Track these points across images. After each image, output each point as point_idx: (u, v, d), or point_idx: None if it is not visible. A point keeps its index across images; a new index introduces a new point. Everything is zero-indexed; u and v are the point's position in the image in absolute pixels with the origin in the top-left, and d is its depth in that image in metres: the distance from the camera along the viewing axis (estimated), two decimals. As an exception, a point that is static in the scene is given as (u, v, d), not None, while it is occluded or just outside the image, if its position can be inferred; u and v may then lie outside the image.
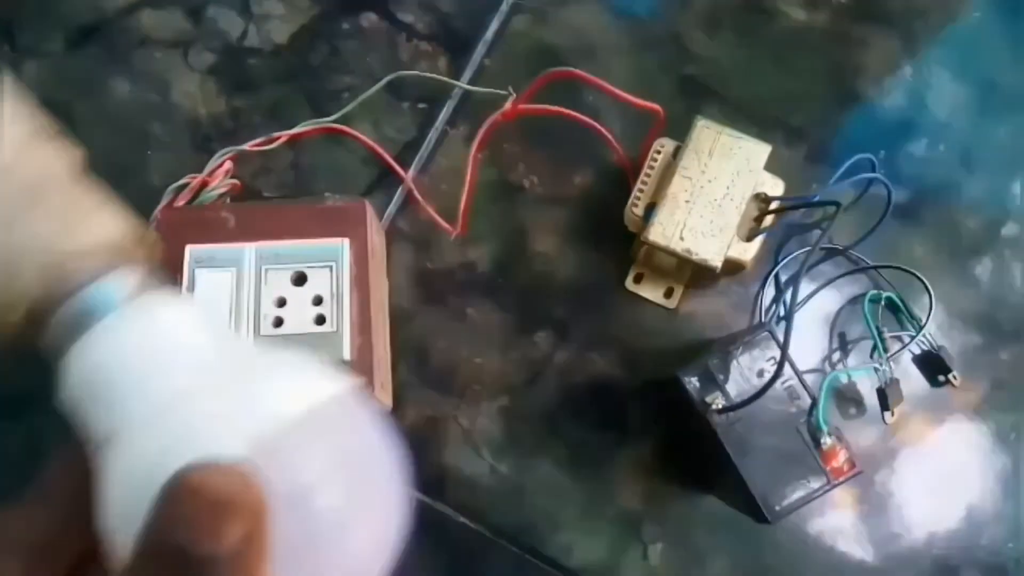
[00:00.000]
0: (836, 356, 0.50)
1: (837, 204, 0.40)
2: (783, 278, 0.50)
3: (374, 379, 0.42)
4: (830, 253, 0.50)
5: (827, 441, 0.38)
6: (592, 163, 0.51)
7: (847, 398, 0.49)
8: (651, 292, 0.50)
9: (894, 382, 0.47)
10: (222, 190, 0.48)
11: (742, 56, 0.53)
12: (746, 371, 0.39)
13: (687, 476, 0.48)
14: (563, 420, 0.48)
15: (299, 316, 0.42)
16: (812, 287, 0.50)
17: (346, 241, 0.43)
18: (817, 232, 0.50)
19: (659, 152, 0.47)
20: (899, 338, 0.49)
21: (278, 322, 0.42)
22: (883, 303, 0.49)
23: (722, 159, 0.45)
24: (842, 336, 0.51)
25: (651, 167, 0.46)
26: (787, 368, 0.38)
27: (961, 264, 0.51)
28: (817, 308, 0.50)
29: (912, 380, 0.50)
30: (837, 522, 0.49)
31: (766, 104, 0.52)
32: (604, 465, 0.48)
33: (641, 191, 0.46)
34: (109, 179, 0.51)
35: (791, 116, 0.52)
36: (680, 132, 0.47)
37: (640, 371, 0.50)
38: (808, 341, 0.49)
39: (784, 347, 0.36)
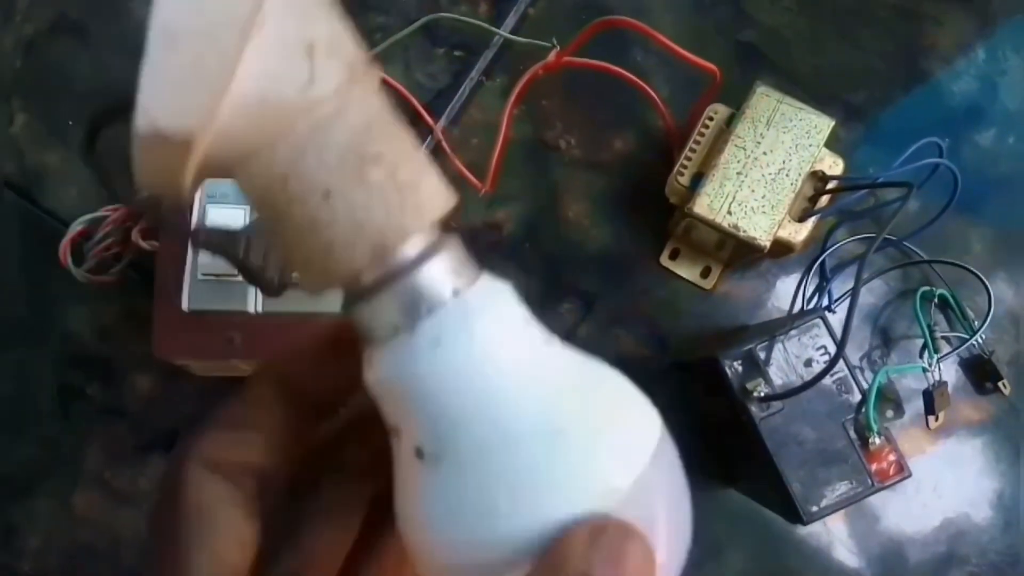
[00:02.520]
0: (878, 353, 0.47)
1: (910, 185, 0.36)
2: (830, 264, 0.46)
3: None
4: (882, 243, 0.47)
5: (876, 441, 0.35)
6: (635, 127, 0.48)
7: (886, 398, 0.46)
8: (687, 270, 0.47)
9: (942, 385, 0.44)
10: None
11: (804, 25, 0.50)
12: (793, 359, 0.36)
13: (709, 467, 0.45)
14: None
15: (313, 264, 0.39)
16: (860, 278, 0.46)
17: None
18: (858, 220, 0.47)
19: (711, 119, 0.43)
20: (947, 339, 0.46)
21: (290, 268, 0.39)
22: (935, 300, 0.46)
23: (780, 130, 0.41)
24: (885, 332, 0.47)
25: (701, 134, 0.43)
26: (840, 360, 0.35)
27: (1021, 265, 0.48)
28: (862, 300, 0.47)
29: (956, 384, 0.47)
30: (867, 526, 0.46)
31: (826, 79, 0.49)
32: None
33: (688, 159, 0.43)
34: (118, 108, 0.48)
35: (851, 93, 0.49)
36: (733, 100, 0.44)
37: (667, 352, 0.47)
38: (851, 334, 0.46)
39: (844, 337, 0.33)
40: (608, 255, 0.47)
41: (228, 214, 0.39)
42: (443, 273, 0.17)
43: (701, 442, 0.45)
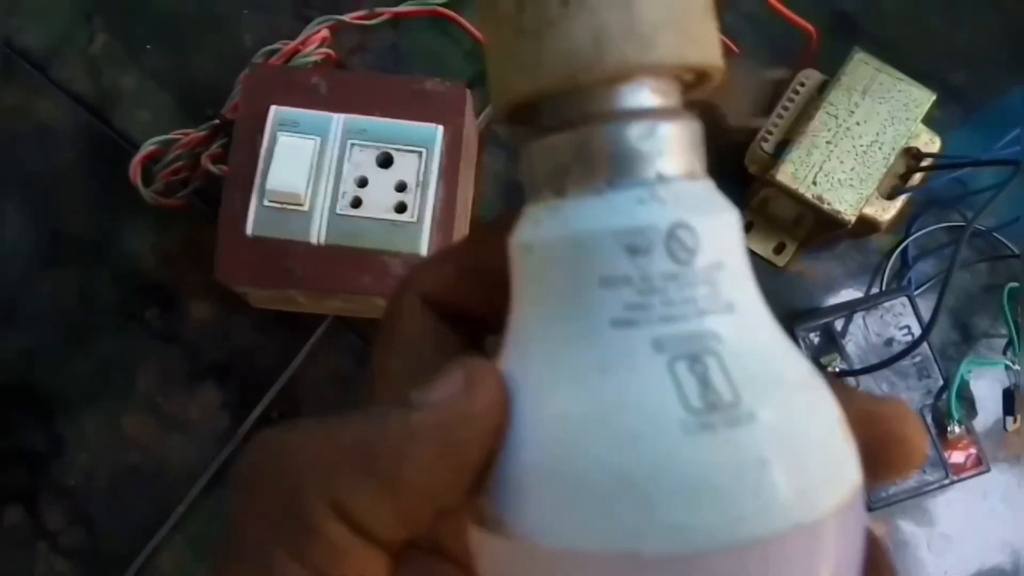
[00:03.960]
0: (954, 348, 0.45)
1: (1017, 162, 0.34)
2: (912, 252, 0.44)
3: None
4: (967, 234, 0.44)
5: (955, 431, 0.33)
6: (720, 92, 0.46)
7: (960, 394, 0.44)
8: (760, 245, 0.45)
9: (1024, 385, 0.41)
10: (315, 58, 0.44)
11: (907, -2, 0.47)
12: (873, 336, 0.34)
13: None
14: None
15: (379, 200, 0.38)
16: (945, 266, 0.44)
17: (440, 128, 0.39)
18: (945, 207, 0.45)
19: (803, 84, 0.41)
20: (1031, 340, 0.44)
21: (356, 202, 0.38)
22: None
23: (876, 101, 0.39)
24: (966, 326, 0.45)
25: (791, 100, 0.41)
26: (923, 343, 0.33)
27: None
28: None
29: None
30: (925, 523, 0.44)
31: (925, 56, 0.46)
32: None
33: (775, 125, 0.41)
34: (200, 31, 0.48)
35: (951, 74, 0.46)
36: (824, 71, 0.42)
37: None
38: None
39: (933, 317, 0.31)
40: (678, 222, 0.46)
41: (298, 143, 0.38)
42: (685, 145, 0.15)
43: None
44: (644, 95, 0.15)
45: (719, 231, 0.15)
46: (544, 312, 0.15)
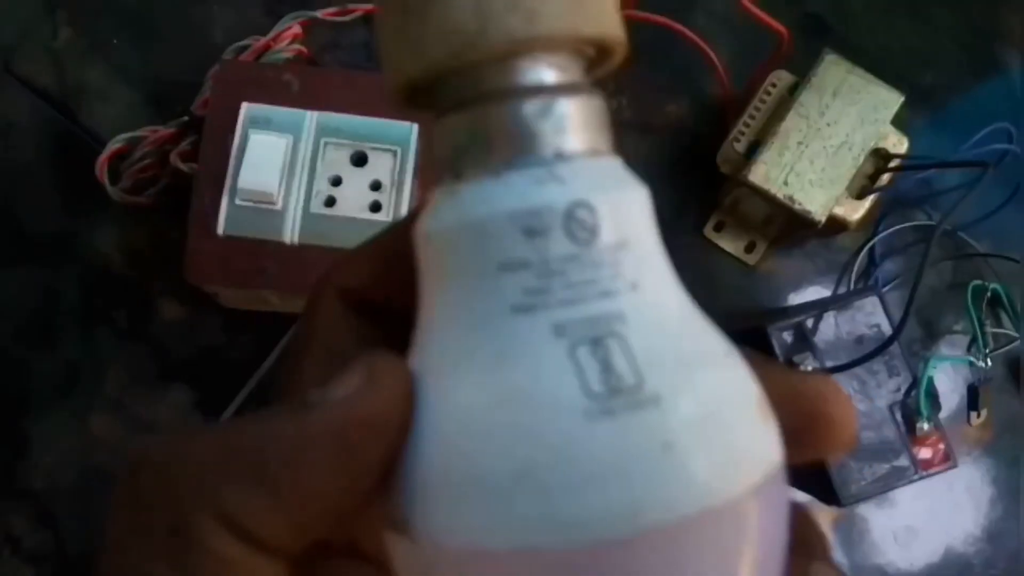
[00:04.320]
0: (920, 344, 0.46)
1: (985, 164, 0.35)
2: (879, 250, 0.45)
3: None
4: (933, 234, 0.45)
5: (924, 427, 0.34)
6: (691, 93, 0.46)
7: (928, 391, 0.44)
8: (731, 244, 0.45)
9: (988, 382, 0.42)
10: (287, 55, 0.44)
11: (876, 0, 0.48)
12: (843, 335, 0.35)
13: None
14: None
15: (353, 199, 0.38)
16: (911, 264, 0.45)
17: (416, 126, 0.38)
18: (912, 207, 0.46)
19: (774, 85, 0.42)
20: (994, 336, 0.45)
21: (330, 201, 0.38)
22: (988, 295, 0.44)
23: (846, 102, 0.40)
24: (930, 323, 0.46)
25: (762, 101, 0.42)
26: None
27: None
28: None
29: (997, 383, 0.45)
30: (890, 517, 0.44)
31: (894, 58, 0.47)
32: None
33: (747, 126, 0.41)
34: (169, 26, 0.47)
35: (920, 75, 0.47)
36: (795, 72, 0.42)
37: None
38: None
39: (904, 316, 0.31)
40: (651, 221, 0.46)
41: (270, 141, 0.38)
42: (586, 121, 0.14)
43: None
44: (539, 71, 0.14)
45: (622, 209, 0.14)
46: (446, 301, 0.15)
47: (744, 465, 0.14)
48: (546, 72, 0.14)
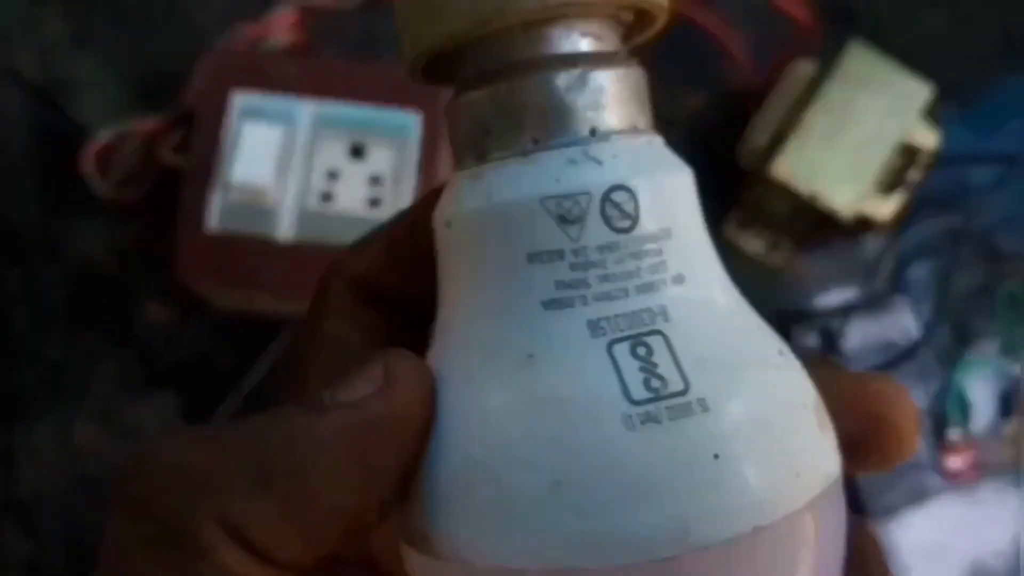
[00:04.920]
0: (949, 348, 0.43)
1: (1013, 158, 0.33)
2: (908, 251, 0.43)
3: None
4: (963, 234, 0.43)
5: (954, 434, 0.32)
6: (710, 86, 0.44)
7: (958, 398, 0.42)
8: (753, 242, 0.43)
9: (1021, 388, 0.40)
10: (283, 43, 0.42)
11: (902, -12, 0.46)
12: (870, 337, 0.33)
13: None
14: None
15: (351, 194, 0.36)
16: (943, 265, 0.43)
17: (419, 116, 0.36)
18: (941, 205, 0.44)
19: (797, 76, 0.40)
20: (1027, 342, 0.43)
21: (326, 197, 0.36)
22: (1021, 298, 0.42)
23: (873, 94, 0.38)
24: (961, 327, 0.44)
25: (785, 92, 0.39)
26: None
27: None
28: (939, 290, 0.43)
29: None
30: (924, 531, 0.42)
31: (922, 48, 0.45)
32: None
33: (769, 118, 0.39)
34: (159, 15, 0.45)
35: (947, 67, 0.45)
36: (819, 62, 0.40)
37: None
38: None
39: (934, 321, 0.29)
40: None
41: (263, 132, 0.36)
42: (625, 95, 0.13)
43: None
44: (573, 39, 0.13)
45: (665, 193, 0.13)
46: (469, 295, 0.13)
47: (801, 477, 0.12)
48: (580, 40, 0.13)
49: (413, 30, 0.13)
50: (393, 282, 0.15)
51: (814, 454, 0.13)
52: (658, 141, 0.14)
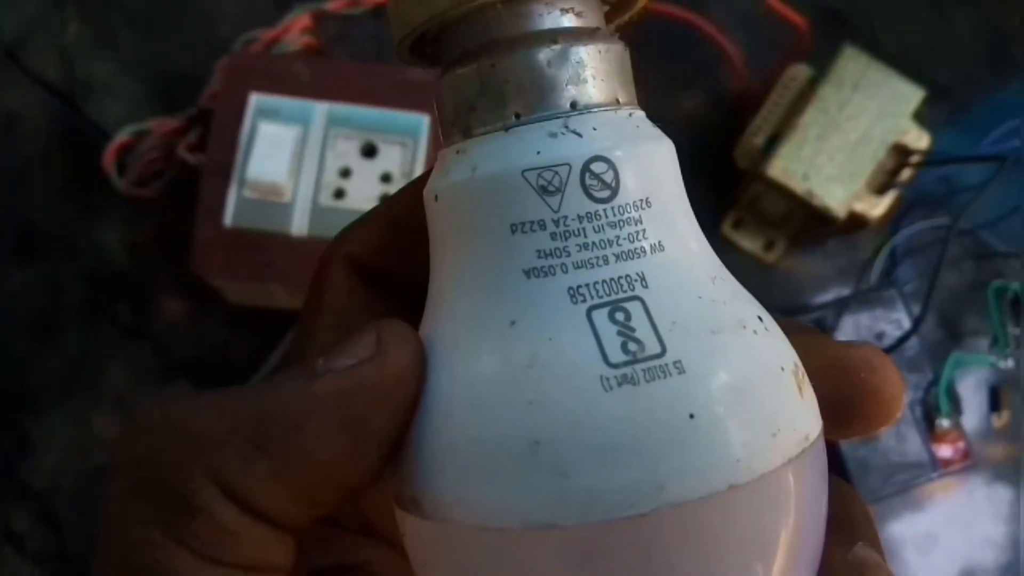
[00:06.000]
0: (941, 344, 0.45)
1: (1002, 158, 0.34)
2: (900, 249, 0.44)
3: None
4: (956, 231, 0.44)
5: (944, 424, 0.33)
6: (707, 87, 0.46)
7: (948, 389, 0.43)
8: (749, 241, 0.44)
9: (1011, 381, 0.41)
10: (296, 46, 0.43)
11: (894, -5, 0.47)
12: (863, 330, 0.34)
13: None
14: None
15: (363, 191, 0.37)
16: (932, 263, 0.44)
17: (427, 117, 0.38)
18: (932, 205, 0.45)
19: (793, 79, 0.41)
20: (1016, 336, 0.44)
21: (339, 193, 0.37)
22: (1009, 296, 0.43)
23: (866, 97, 0.39)
24: (951, 323, 0.45)
25: (781, 95, 0.41)
26: (912, 337, 0.33)
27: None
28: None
29: (1016, 385, 0.44)
30: (915, 524, 0.43)
31: (912, 54, 0.46)
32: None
33: (765, 120, 0.41)
34: (176, 18, 0.47)
35: (938, 72, 0.46)
36: (815, 66, 0.42)
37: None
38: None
39: (923, 311, 0.30)
40: (665, 219, 0.45)
41: (279, 132, 0.37)
42: (606, 70, 0.13)
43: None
44: (554, 15, 0.13)
45: (644, 164, 0.13)
46: (456, 265, 0.14)
47: (777, 438, 0.13)
48: (560, 16, 0.14)
49: (400, 12, 0.14)
50: (390, 258, 0.16)
51: (791, 416, 0.13)
52: (639, 114, 0.14)
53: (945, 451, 0.33)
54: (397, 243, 0.16)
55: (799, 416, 0.13)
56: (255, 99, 0.37)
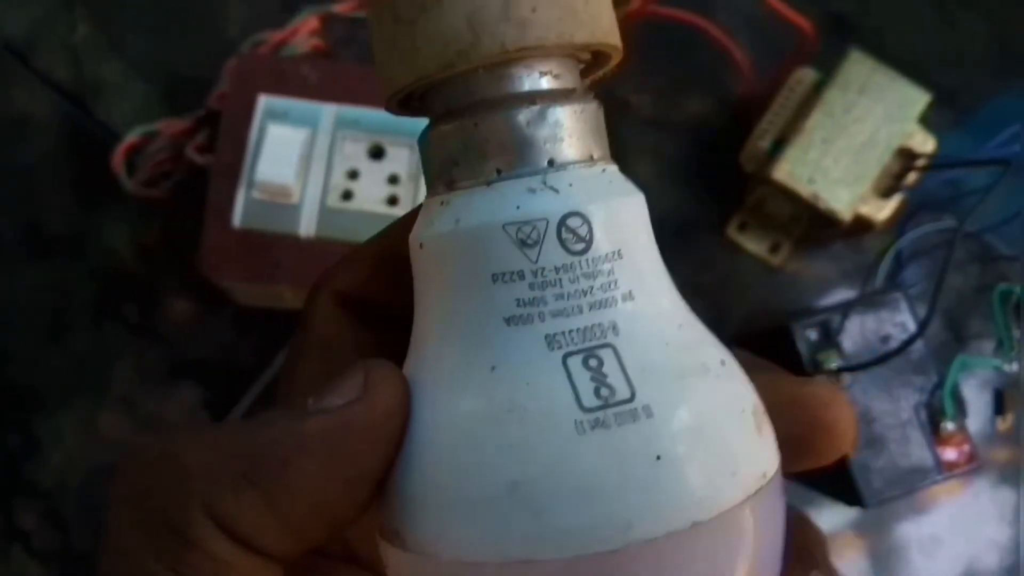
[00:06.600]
0: (946, 348, 0.45)
1: (1007, 162, 0.34)
2: (905, 252, 0.44)
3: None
4: (959, 235, 0.44)
5: (948, 427, 0.33)
6: (714, 90, 0.46)
7: (953, 392, 0.43)
8: (755, 244, 0.45)
9: (1014, 386, 0.41)
10: (304, 48, 0.43)
11: (900, 0, 0.47)
12: (868, 333, 0.34)
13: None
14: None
15: (370, 192, 0.37)
16: (938, 266, 0.44)
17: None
18: (937, 208, 0.45)
19: (799, 83, 0.41)
20: (1021, 340, 0.44)
21: (347, 195, 0.37)
22: (1014, 299, 0.43)
23: (872, 100, 0.39)
24: (956, 327, 0.45)
25: (787, 98, 0.41)
26: (918, 340, 0.33)
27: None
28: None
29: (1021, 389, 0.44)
30: (920, 526, 0.43)
31: (919, 58, 0.46)
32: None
33: (771, 123, 0.41)
34: (185, 20, 0.47)
35: (943, 76, 0.46)
36: (821, 69, 0.42)
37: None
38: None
39: (929, 313, 0.31)
40: (672, 222, 0.45)
41: (287, 134, 0.37)
42: (582, 128, 0.14)
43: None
44: (533, 78, 0.14)
45: (617, 218, 0.14)
46: (439, 311, 0.14)
47: (737, 476, 0.13)
48: (539, 79, 0.14)
49: (387, 72, 0.15)
50: (377, 294, 0.17)
51: (751, 455, 0.14)
52: (612, 169, 0.15)
53: (950, 454, 0.33)
54: (384, 279, 0.17)
55: (757, 455, 0.14)
56: (264, 101, 0.38)
